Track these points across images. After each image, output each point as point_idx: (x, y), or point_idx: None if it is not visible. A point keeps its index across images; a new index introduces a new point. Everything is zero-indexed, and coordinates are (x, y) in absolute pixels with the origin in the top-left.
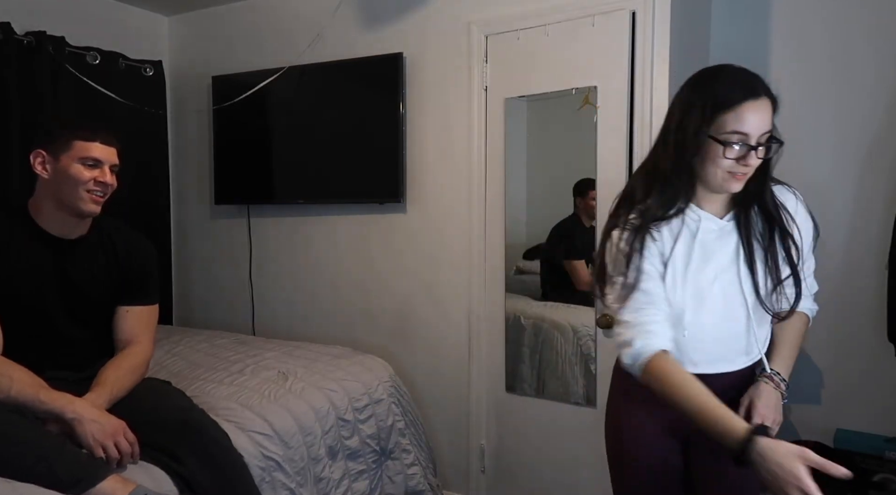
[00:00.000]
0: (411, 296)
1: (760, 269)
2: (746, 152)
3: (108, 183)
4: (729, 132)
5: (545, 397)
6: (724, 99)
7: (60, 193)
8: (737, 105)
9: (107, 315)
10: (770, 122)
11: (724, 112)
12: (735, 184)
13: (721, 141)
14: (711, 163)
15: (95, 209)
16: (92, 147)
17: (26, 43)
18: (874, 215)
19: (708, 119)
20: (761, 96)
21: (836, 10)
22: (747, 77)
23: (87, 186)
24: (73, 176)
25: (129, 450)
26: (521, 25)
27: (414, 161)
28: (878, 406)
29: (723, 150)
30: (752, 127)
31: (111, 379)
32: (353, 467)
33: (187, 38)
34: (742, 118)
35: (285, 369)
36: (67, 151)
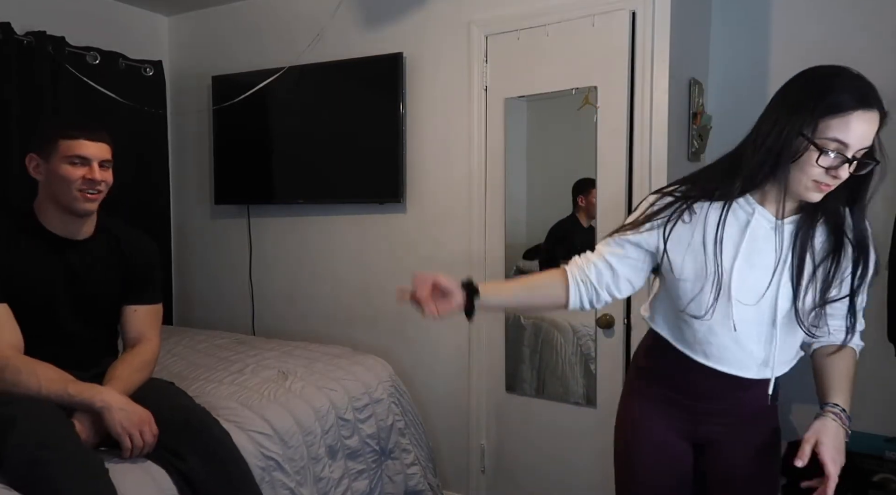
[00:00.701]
0: None
1: (806, 282)
2: (840, 163)
3: (97, 179)
4: (829, 138)
5: (545, 397)
6: (836, 103)
7: (56, 195)
8: (847, 112)
9: (112, 314)
10: (872, 137)
11: (832, 117)
12: (816, 195)
13: (819, 146)
14: (800, 168)
15: (90, 207)
16: (76, 145)
17: (26, 43)
18: (874, 215)
19: (814, 121)
20: (873, 108)
21: (835, 11)
22: (864, 85)
23: (77, 185)
24: (62, 176)
25: (152, 442)
26: (521, 25)
27: (414, 161)
28: (878, 406)
29: (817, 157)
30: (855, 138)
31: (124, 375)
32: (353, 467)
33: (187, 38)
34: (848, 126)
35: (285, 369)
36: (55, 152)
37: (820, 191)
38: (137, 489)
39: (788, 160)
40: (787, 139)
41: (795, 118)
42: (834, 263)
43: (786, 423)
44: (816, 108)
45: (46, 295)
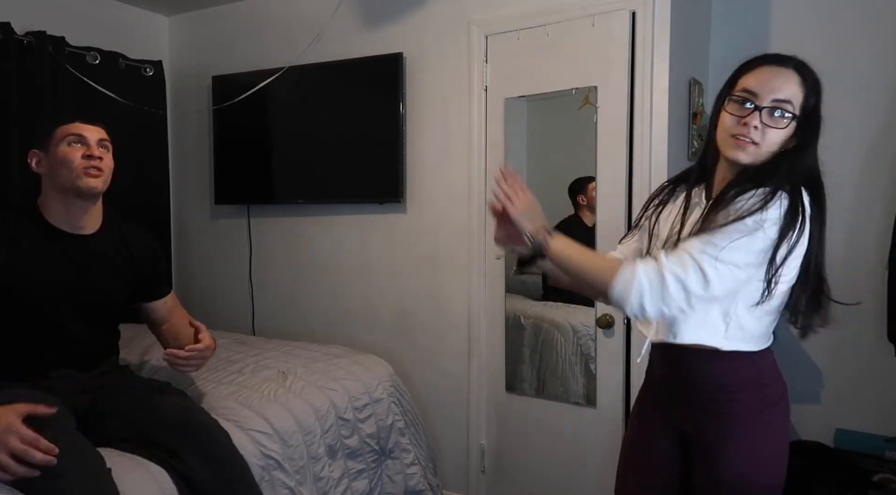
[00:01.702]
0: (411, 295)
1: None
2: (750, 112)
3: (95, 155)
4: (739, 90)
5: (545, 397)
6: (748, 62)
7: (59, 180)
8: (755, 67)
9: (116, 314)
10: (792, 94)
11: (743, 73)
12: (737, 151)
13: (731, 99)
14: (721, 127)
15: (94, 183)
16: (72, 126)
17: (26, 43)
18: (874, 215)
19: (731, 82)
20: (786, 66)
21: (836, 11)
22: (787, 55)
23: (78, 163)
24: (62, 158)
25: (24, 451)
26: (521, 25)
27: (414, 161)
28: (878, 406)
29: (728, 106)
30: (763, 87)
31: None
32: (353, 466)
33: (187, 38)
34: (755, 77)
35: (285, 368)
36: (53, 139)
37: (738, 146)
38: (137, 488)
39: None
40: (716, 110)
41: (724, 89)
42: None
43: None
44: (736, 71)
45: (47, 293)
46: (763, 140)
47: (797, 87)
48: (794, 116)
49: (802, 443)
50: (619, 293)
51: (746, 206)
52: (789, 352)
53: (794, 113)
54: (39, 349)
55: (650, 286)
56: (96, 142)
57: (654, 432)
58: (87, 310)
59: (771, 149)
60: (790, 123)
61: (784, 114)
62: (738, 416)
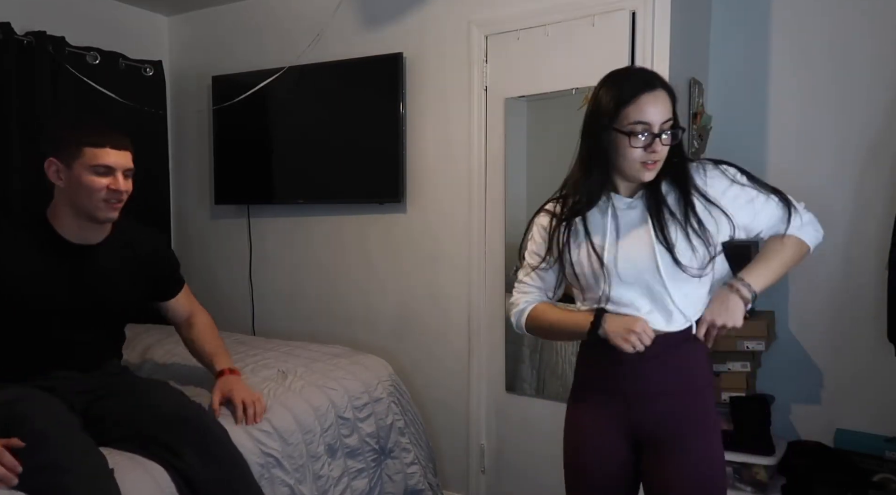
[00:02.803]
0: (411, 295)
1: (674, 233)
2: (651, 140)
3: (122, 190)
4: (633, 123)
5: (545, 397)
6: (626, 93)
7: (77, 201)
8: (636, 97)
9: (123, 318)
10: (669, 111)
11: (626, 105)
12: (647, 173)
13: (626, 132)
14: (623, 156)
15: (113, 215)
16: (102, 153)
17: (26, 43)
18: (874, 215)
19: (613, 114)
20: (657, 88)
21: (836, 10)
22: (646, 73)
23: (102, 195)
24: (86, 185)
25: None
26: (521, 25)
27: (414, 161)
28: (878, 406)
29: (629, 141)
30: (653, 116)
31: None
32: (353, 465)
33: (187, 38)
34: (641, 109)
35: (285, 368)
36: (79, 158)
37: (648, 169)
38: (137, 488)
39: (614, 153)
40: (604, 136)
41: (603, 117)
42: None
43: (786, 423)
44: (612, 102)
45: (53, 305)
46: (662, 156)
47: (669, 103)
48: (682, 129)
49: (802, 443)
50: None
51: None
52: (789, 351)
53: (676, 126)
54: (41, 353)
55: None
56: (123, 172)
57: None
58: (93, 319)
59: (665, 157)
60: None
61: (671, 131)
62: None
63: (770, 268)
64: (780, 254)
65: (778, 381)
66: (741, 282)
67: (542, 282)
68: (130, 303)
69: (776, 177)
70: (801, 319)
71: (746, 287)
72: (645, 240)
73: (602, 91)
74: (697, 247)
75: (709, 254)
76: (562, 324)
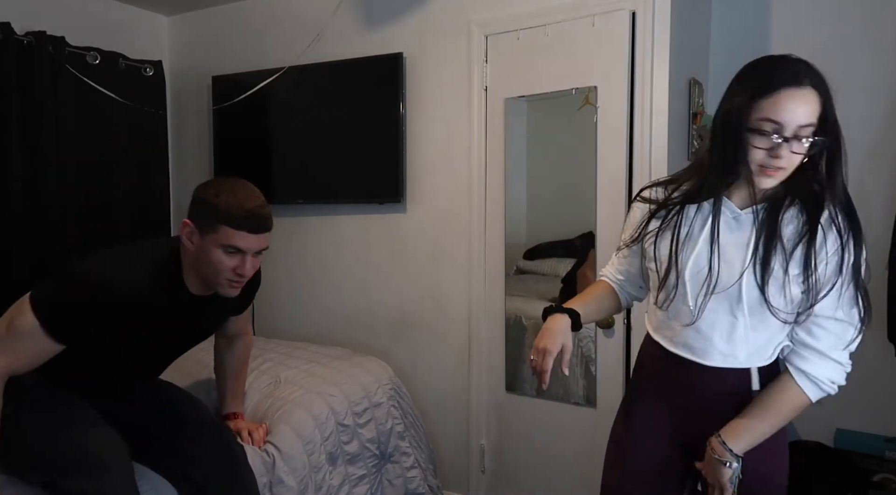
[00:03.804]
0: (411, 295)
1: (775, 268)
2: (779, 144)
3: (246, 275)
4: (762, 119)
5: (545, 397)
6: (763, 84)
7: (200, 270)
8: (774, 91)
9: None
10: (814, 115)
11: (761, 98)
12: (766, 180)
13: (753, 129)
14: (746, 155)
15: (234, 294)
16: (238, 236)
17: (26, 43)
18: (874, 215)
19: (747, 107)
20: (804, 85)
21: (836, 10)
22: (796, 64)
23: (227, 275)
24: (213, 261)
25: None
26: (521, 25)
27: (414, 161)
28: (878, 406)
29: (754, 138)
30: (788, 116)
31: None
32: (353, 472)
33: (187, 38)
34: (777, 105)
35: (283, 376)
36: (213, 233)
37: (767, 176)
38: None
39: (738, 150)
40: (734, 132)
41: (734, 110)
42: (808, 247)
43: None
44: (746, 91)
45: (156, 348)
46: (789, 164)
47: (817, 106)
48: (815, 135)
49: (802, 443)
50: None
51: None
52: None
53: (817, 134)
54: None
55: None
56: (253, 254)
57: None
58: (171, 354)
59: (794, 167)
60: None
61: (809, 139)
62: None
63: (757, 427)
64: (772, 408)
65: None
66: (725, 448)
67: (628, 267)
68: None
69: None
70: None
71: (730, 452)
72: (736, 263)
73: (738, 80)
74: (794, 293)
75: (807, 301)
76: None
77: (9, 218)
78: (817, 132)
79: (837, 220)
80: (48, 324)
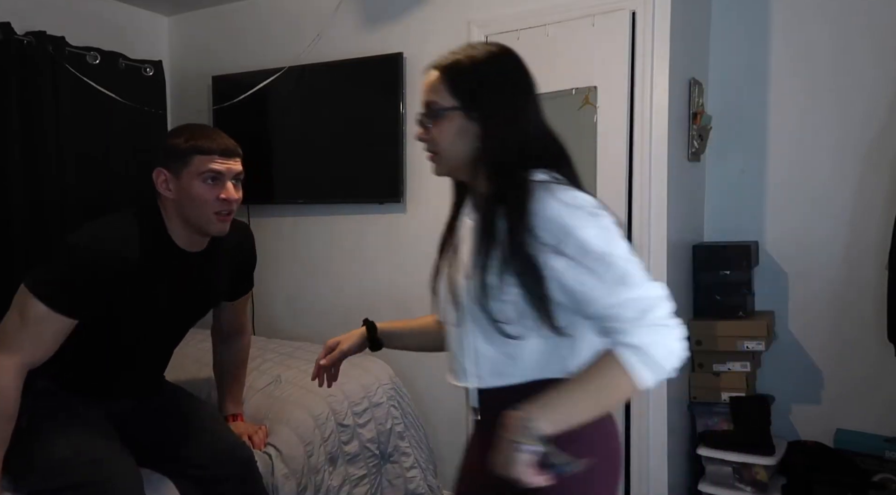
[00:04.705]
0: (412, 295)
1: (466, 269)
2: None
3: (232, 199)
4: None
5: None
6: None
7: (186, 214)
8: None
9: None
10: (429, 95)
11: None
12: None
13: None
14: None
15: (224, 228)
16: (210, 161)
17: (26, 43)
18: (874, 215)
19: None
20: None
21: (836, 10)
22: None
23: (213, 207)
24: (196, 196)
25: None
26: (521, 25)
27: (414, 161)
28: (878, 406)
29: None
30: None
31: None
32: (353, 472)
33: (187, 38)
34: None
35: (283, 377)
36: (187, 168)
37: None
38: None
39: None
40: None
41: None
42: (478, 240)
43: (786, 423)
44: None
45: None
46: (437, 145)
47: (437, 83)
48: (441, 111)
49: (802, 443)
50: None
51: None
52: (789, 351)
53: (441, 108)
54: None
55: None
56: (232, 179)
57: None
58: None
59: (453, 154)
60: (445, 119)
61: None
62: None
63: (570, 403)
64: (596, 385)
65: (778, 381)
66: (524, 418)
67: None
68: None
69: (776, 177)
70: (802, 319)
71: (527, 428)
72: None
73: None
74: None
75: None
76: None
77: (9, 218)
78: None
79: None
80: (55, 304)
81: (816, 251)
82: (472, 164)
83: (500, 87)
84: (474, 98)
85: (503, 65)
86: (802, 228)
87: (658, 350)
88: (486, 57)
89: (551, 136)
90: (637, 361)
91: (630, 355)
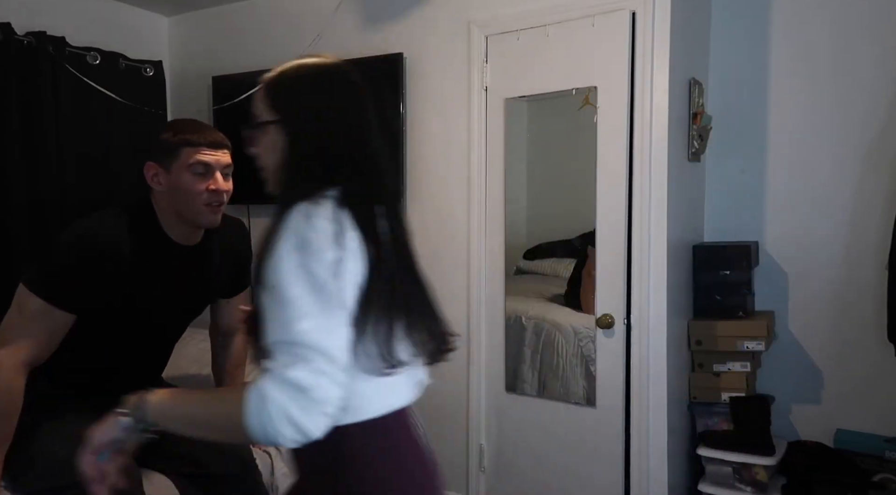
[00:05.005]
0: None
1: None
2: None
3: (221, 190)
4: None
5: (545, 397)
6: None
7: (177, 206)
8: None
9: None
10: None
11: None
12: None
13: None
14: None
15: (216, 220)
16: (199, 153)
17: (26, 43)
18: (874, 215)
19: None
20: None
21: (837, 10)
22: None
23: (203, 198)
24: (186, 188)
25: None
26: (521, 25)
27: (414, 161)
28: (878, 406)
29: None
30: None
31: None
32: None
33: (187, 38)
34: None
35: None
36: (177, 160)
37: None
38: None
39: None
40: None
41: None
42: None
43: (786, 423)
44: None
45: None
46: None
47: (259, 97)
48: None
49: (802, 443)
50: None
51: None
52: (789, 351)
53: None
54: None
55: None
56: (222, 170)
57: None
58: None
59: (270, 168)
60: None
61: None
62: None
63: (185, 406)
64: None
65: (778, 381)
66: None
67: None
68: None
69: (776, 177)
70: (802, 319)
71: (139, 407)
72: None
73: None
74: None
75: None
76: None
77: (9, 217)
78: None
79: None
80: (52, 297)
81: (816, 251)
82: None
83: (311, 101)
84: (287, 112)
85: (321, 80)
86: (802, 228)
87: (273, 408)
88: (306, 71)
89: (362, 150)
90: (255, 410)
91: (255, 400)
